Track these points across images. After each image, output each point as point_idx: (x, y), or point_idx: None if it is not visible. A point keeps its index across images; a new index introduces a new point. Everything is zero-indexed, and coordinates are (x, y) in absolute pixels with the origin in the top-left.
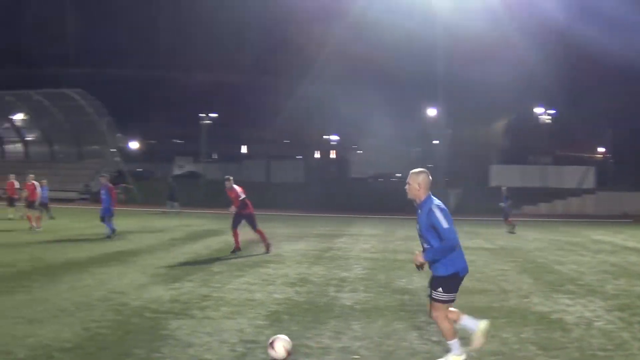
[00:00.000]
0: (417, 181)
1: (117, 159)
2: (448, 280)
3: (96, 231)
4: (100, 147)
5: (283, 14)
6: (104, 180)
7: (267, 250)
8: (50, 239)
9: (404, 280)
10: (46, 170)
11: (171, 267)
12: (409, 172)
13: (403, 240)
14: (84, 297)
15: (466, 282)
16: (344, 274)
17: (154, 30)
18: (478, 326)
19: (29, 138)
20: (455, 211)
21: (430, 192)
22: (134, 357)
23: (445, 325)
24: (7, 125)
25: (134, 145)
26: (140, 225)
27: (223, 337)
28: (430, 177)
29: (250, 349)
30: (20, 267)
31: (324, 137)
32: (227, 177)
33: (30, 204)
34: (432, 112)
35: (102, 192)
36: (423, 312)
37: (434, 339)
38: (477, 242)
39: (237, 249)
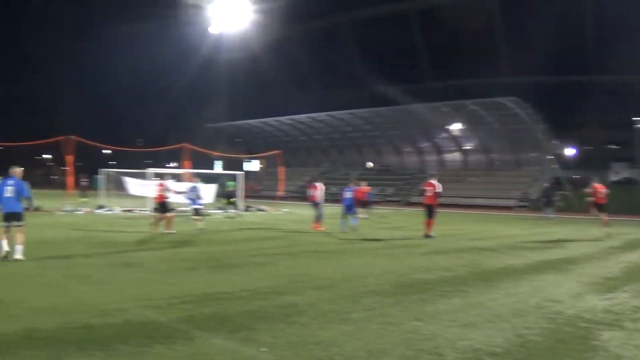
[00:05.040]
0: None
1: (554, 165)
2: None
3: (536, 238)
4: (537, 154)
5: None
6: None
7: None
8: (485, 246)
9: None
10: (483, 177)
11: (607, 276)
12: None
13: None
14: (519, 304)
15: None
16: None
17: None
18: None
19: (466, 147)
20: None
21: None
22: None
23: None
24: (445, 134)
25: (569, 151)
26: (579, 234)
27: None
28: None
29: None
30: (457, 271)
31: None
32: None
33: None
34: None
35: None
36: None
37: None
38: None
39: None
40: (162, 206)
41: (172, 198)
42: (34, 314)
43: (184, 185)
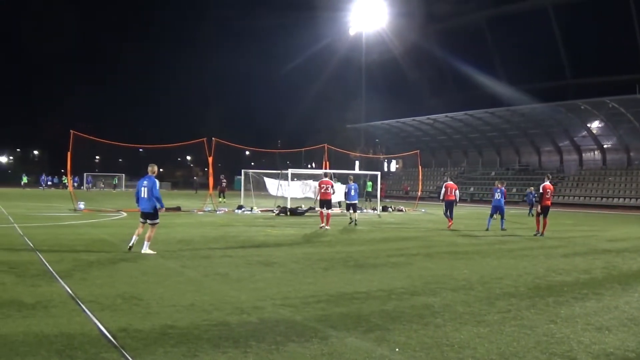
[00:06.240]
0: None
1: None
2: None
3: None
4: None
5: None
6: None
7: None
8: (623, 248)
9: None
10: (623, 177)
11: None
12: None
13: None
14: None
15: None
16: None
17: None
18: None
19: (606, 145)
20: None
21: None
22: None
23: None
24: (584, 133)
25: None
26: None
27: None
28: None
29: None
30: (594, 274)
31: None
32: None
33: None
34: None
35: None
36: None
37: None
38: None
39: None
40: (328, 203)
41: (335, 196)
42: (171, 311)
43: (343, 185)
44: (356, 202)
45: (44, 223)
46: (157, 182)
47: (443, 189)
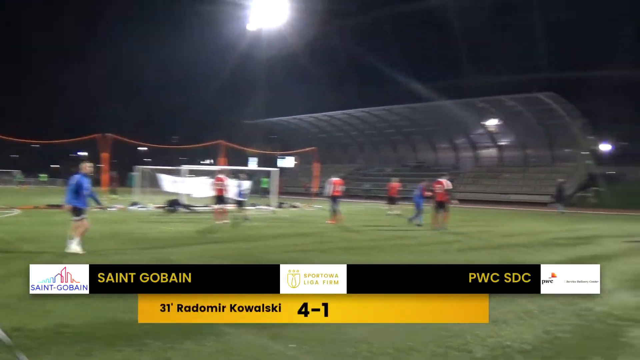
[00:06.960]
0: None
1: (589, 161)
2: None
3: (568, 235)
4: (573, 150)
5: None
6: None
7: None
8: (518, 242)
9: None
10: (519, 174)
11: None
12: None
13: None
14: (550, 301)
15: None
16: None
17: None
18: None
19: (502, 143)
20: None
21: None
22: None
23: None
24: (481, 130)
25: (605, 147)
26: (613, 230)
27: None
28: None
29: None
30: None
31: None
32: None
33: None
34: None
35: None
36: None
37: None
38: None
39: None
40: (221, 199)
41: (229, 192)
42: (65, 310)
43: (236, 182)
44: (244, 199)
45: None
46: (77, 179)
47: (330, 186)
